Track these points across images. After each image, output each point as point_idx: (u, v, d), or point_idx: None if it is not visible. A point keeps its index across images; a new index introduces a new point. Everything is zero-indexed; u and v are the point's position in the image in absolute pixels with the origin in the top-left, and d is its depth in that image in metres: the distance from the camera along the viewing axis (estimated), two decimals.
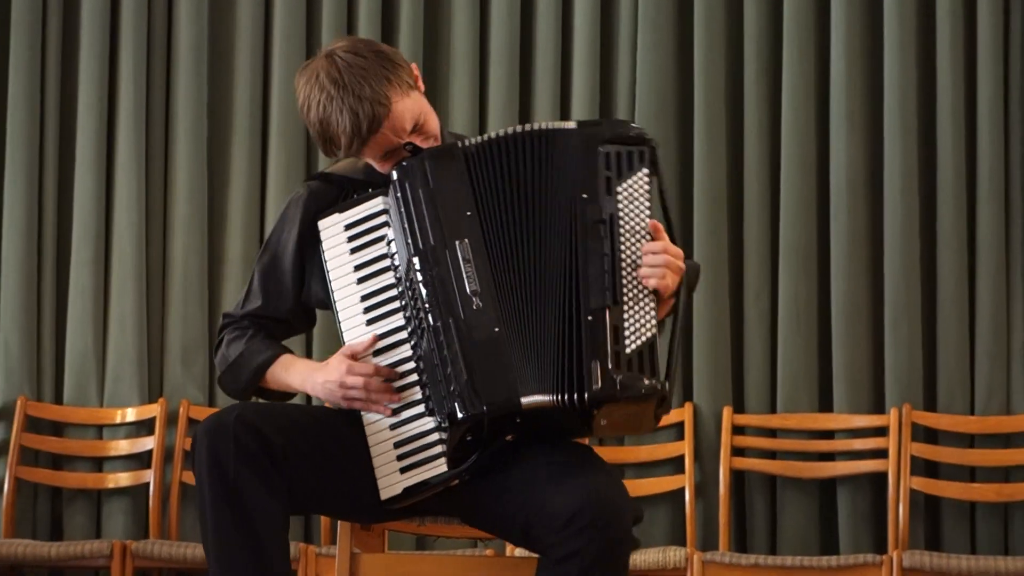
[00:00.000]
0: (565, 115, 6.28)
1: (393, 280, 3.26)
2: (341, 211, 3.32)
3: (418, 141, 3.26)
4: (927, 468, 5.97)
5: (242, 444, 3.08)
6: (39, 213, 6.37)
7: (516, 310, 3.14)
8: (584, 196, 3.15)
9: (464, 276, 3.14)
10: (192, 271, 6.34)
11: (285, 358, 3.38)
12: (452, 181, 3.21)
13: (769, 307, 6.16)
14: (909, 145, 6.05)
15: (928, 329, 6.07)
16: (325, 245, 3.32)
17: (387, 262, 3.26)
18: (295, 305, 3.42)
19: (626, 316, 3.10)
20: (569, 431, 3.19)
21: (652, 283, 3.12)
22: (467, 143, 3.26)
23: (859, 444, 6.00)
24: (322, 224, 3.33)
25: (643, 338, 3.09)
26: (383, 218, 3.28)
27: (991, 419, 5.97)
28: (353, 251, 3.30)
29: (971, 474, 5.98)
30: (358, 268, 3.29)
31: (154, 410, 6.22)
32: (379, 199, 3.28)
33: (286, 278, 3.41)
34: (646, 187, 3.19)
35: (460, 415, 3.06)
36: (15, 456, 6.18)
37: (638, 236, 3.16)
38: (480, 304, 3.12)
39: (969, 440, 5.99)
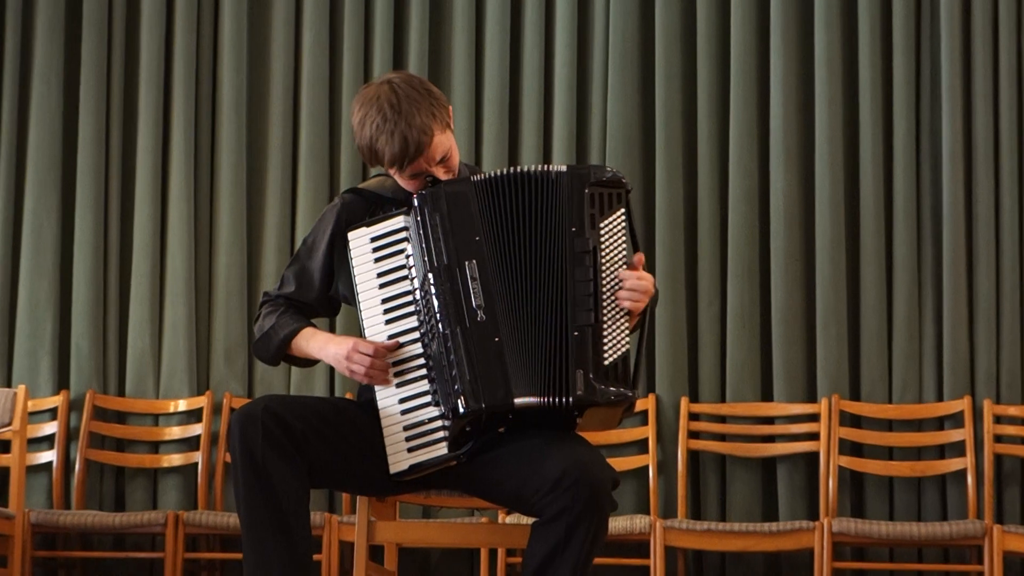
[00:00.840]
0: (547, 151, 6.34)
1: (410, 288, 3.32)
2: (368, 225, 3.37)
3: (441, 171, 3.34)
4: (852, 448, 6.06)
5: (268, 430, 3.17)
6: (105, 236, 6.43)
7: (514, 323, 3.22)
8: (573, 229, 3.25)
9: (471, 292, 3.22)
10: (233, 284, 6.40)
11: (307, 330, 3.43)
12: (464, 210, 3.28)
13: (719, 312, 6.23)
14: (836, 177, 6.14)
15: (853, 331, 6.17)
16: (353, 254, 3.37)
17: (405, 272, 3.33)
18: (321, 295, 3.49)
19: (605, 333, 3.20)
20: (551, 426, 3.26)
21: (628, 305, 3.23)
22: (477, 177, 3.33)
23: (795, 428, 6.09)
24: (351, 236, 3.38)
25: (619, 352, 3.20)
26: (404, 234, 3.34)
27: (906, 407, 6.07)
28: (376, 260, 3.36)
29: (889, 453, 6.09)
30: (380, 275, 3.35)
31: (202, 401, 6.31)
32: (401, 218, 3.35)
33: (316, 273, 3.47)
34: (623, 224, 3.29)
35: (462, 410, 3.18)
36: (85, 440, 6.25)
37: (616, 265, 3.26)
38: (484, 317, 3.21)
39: (888, 424, 6.09)
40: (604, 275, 3.25)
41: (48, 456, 6.32)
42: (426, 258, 3.27)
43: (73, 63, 6.53)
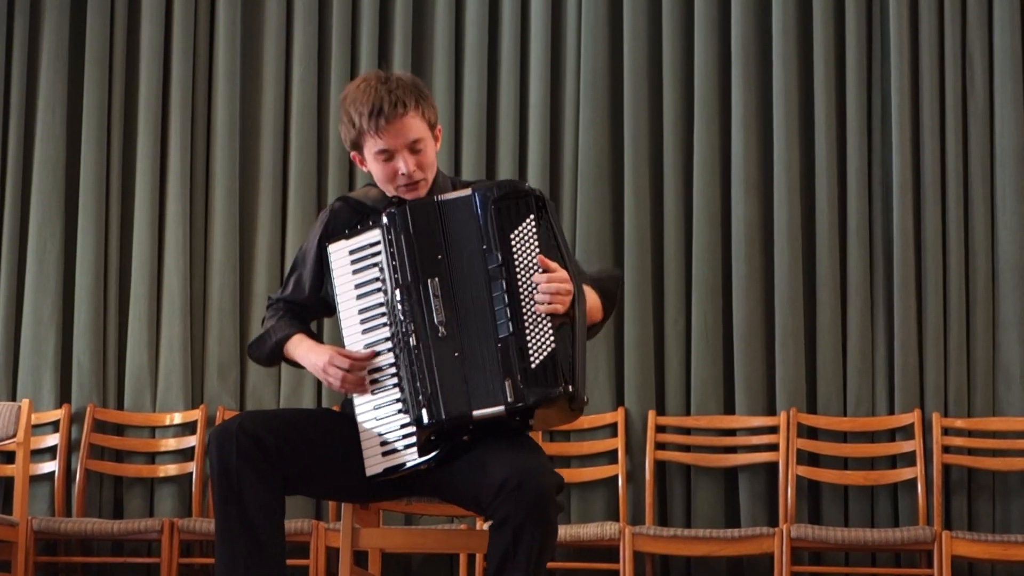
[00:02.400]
0: (522, 176, 6.31)
1: (383, 299, 3.32)
2: (347, 238, 3.36)
3: (412, 161, 3.31)
4: (809, 458, 6.05)
5: (241, 446, 3.19)
6: (105, 258, 6.42)
7: (465, 338, 3.23)
8: (484, 247, 3.25)
9: (433, 309, 3.24)
10: (226, 304, 6.39)
11: (297, 337, 3.44)
12: (430, 227, 3.28)
13: (684, 330, 6.22)
14: (793, 203, 6.16)
15: (809, 348, 6.16)
16: (333, 265, 3.37)
17: (379, 284, 3.32)
18: (313, 298, 3.48)
19: (528, 338, 3.18)
20: (513, 429, 3.27)
21: (543, 309, 3.20)
22: (439, 198, 3.31)
23: (756, 440, 6.08)
24: (331, 248, 3.38)
25: (544, 353, 3.18)
26: (379, 247, 3.32)
27: (859, 419, 6.07)
28: (355, 272, 3.35)
29: (844, 463, 6.07)
30: (357, 287, 3.34)
31: (196, 415, 6.30)
32: (377, 231, 3.33)
33: (307, 279, 3.48)
34: (534, 230, 3.25)
35: (426, 421, 3.22)
36: (85, 451, 6.25)
37: (531, 271, 3.23)
38: (445, 332, 3.23)
39: (843, 436, 6.08)
40: (520, 284, 3.23)
41: (50, 466, 6.30)
42: (395, 274, 3.29)
43: (76, 93, 6.55)
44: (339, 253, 3.37)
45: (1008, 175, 6.13)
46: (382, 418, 3.30)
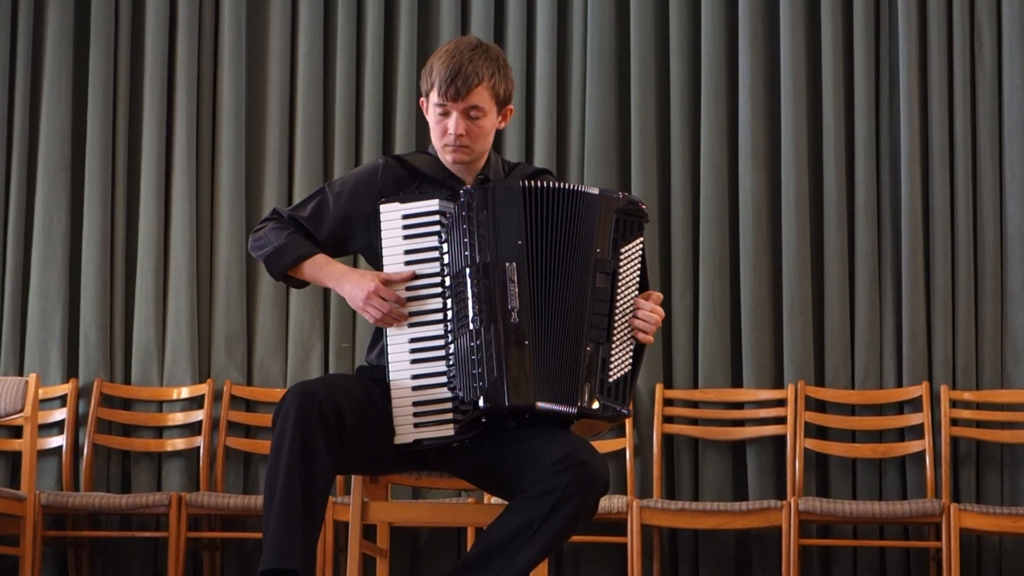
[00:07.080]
0: (528, 150, 6.30)
1: (437, 270, 3.24)
2: (402, 201, 3.28)
3: (463, 125, 3.28)
4: (817, 431, 6.04)
5: (324, 413, 3.11)
6: (111, 232, 6.40)
7: (541, 329, 3.17)
8: (598, 251, 3.22)
9: (508, 293, 3.17)
10: (233, 277, 6.35)
11: (320, 257, 3.35)
12: (512, 212, 3.22)
13: (692, 303, 6.21)
14: (801, 176, 6.14)
15: (817, 321, 6.14)
16: (383, 226, 3.28)
17: (435, 254, 3.25)
18: (327, 237, 3.38)
19: (613, 352, 3.18)
20: (549, 425, 3.22)
21: (640, 336, 3.23)
22: (526, 183, 3.25)
23: (763, 413, 6.07)
24: (383, 208, 3.28)
25: (622, 372, 3.19)
26: (436, 217, 3.25)
27: (867, 392, 6.05)
28: (406, 238, 3.26)
29: (852, 436, 6.07)
30: (408, 252, 3.26)
31: (203, 389, 6.27)
32: (436, 201, 3.26)
33: (329, 215, 3.38)
34: (640, 251, 3.28)
35: (483, 404, 3.14)
36: (93, 426, 6.23)
37: (631, 289, 3.25)
38: (517, 319, 3.15)
39: (850, 409, 6.08)
40: (619, 297, 3.22)
41: (58, 441, 6.28)
42: (467, 252, 3.21)
43: (81, 68, 6.51)
44: (392, 215, 3.27)
45: (1016, 146, 6.11)
46: (419, 388, 3.23)
